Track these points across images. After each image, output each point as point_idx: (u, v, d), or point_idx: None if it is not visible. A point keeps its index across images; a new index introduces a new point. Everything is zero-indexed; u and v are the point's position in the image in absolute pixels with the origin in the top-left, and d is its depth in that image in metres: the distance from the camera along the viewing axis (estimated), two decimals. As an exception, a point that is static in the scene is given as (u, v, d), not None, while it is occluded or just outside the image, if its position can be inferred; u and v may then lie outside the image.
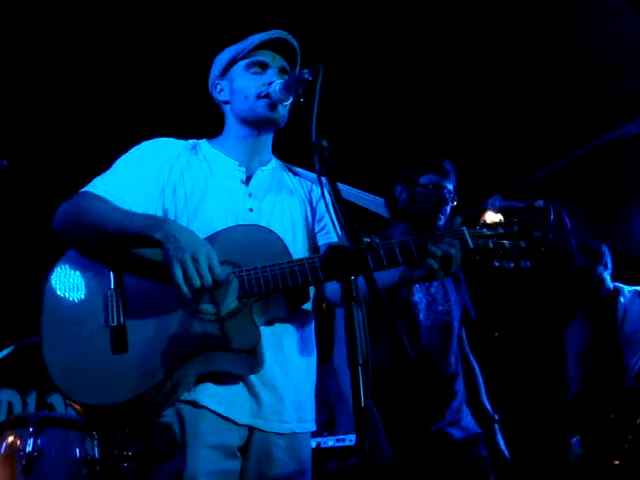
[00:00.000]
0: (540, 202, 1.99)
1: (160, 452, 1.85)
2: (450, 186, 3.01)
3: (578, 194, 4.20)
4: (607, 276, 4.17)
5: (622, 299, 4.11)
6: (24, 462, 3.14)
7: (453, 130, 4.84)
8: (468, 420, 3.02)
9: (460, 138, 4.84)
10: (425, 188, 2.99)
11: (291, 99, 2.09)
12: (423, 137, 4.75)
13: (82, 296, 1.93)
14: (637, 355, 3.91)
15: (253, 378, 1.93)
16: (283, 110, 2.15)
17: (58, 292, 1.94)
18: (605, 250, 4.17)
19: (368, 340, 1.49)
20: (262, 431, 1.95)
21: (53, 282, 1.95)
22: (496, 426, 3.12)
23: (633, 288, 4.17)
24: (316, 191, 2.27)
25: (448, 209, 2.98)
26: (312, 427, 2.09)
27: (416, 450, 2.83)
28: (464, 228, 1.96)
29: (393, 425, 2.83)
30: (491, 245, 1.94)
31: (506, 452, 3.09)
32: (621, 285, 4.19)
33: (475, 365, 3.23)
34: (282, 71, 2.18)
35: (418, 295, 3.03)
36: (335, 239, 2.15)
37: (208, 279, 1.81)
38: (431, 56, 4.42)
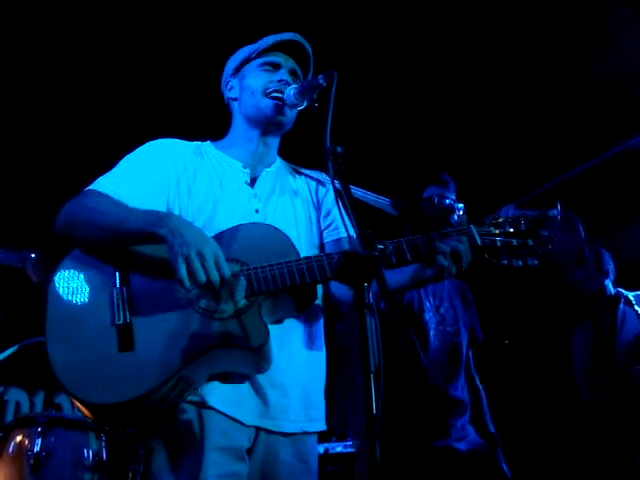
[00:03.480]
0: (554, 211, 1.99)
1: (168, 454, 1.84)
2: (452, 196, 3.05)
3: (591, 203, 4.18)
4: (609, 282, 4.14)
5: (622, 305, 4.08)
6: (32, 462, 3.14)
7: (467, 139, 4.83)
8: (473, 436, 3.04)
9: (474, 147, 4.84)
10: (429, 201, 3.03)
11: (305, 104, 2.09)
12: (437, 145, 4.75)
13: (87, 294, 1.93)
14: None
15: (260, 378, 1.92)
16: (290, 113, 2.16)
17: (63, 291, 1.93)
18: (606, 256, 4.14)
19: (381, 347, 1.48)
20: (269, 432, 1.94)
21: (58, 281, 1.94)
22: (499, 450, 3.13)
23: (635, 293, 4.13)
24: (321, 190, 2.28)
25: (456, 217, 3.01)
26: (322, 427, 2.07)
27: (422, 464, 2.83)
28: (472, 226, 1.98)
29: (398, 438, 2.83)
30: (499, 243, 1.96)
31: (508, 473, 3.09)
32: (623, 291, 4.16)
33: (481, 389, 3.25)
34: (293, 73, 2.19)
35: (429, 314, 3.05)
36: (343, 235, 2.16)
37: (215, 275, 1.79)
38: (446, 65, 4.41)
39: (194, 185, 2.10)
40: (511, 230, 1.96)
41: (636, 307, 4.03)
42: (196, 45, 4.19)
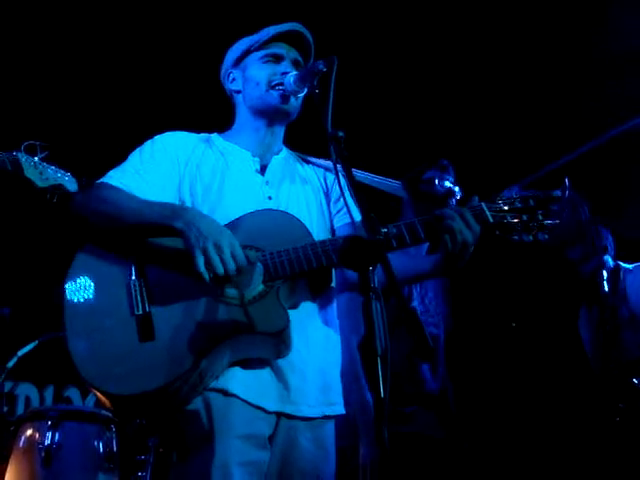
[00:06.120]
0: (557, 192, 2.00)
1: (190, 442, 1.84)
2: (451, 179, 3.08)
3: (596, 184, 4.16)
4: (608, 258, 4.15)
5: (622, 275, 4.10)
6: (43, 455, 3.16)
7: (471, 120, 4.81)
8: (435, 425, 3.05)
9: (478, 128, 4.82)
10: (428, 183, 3.06)
11: (305, 90, 2.09)
12: (441, 127, 4.73)
13: (104, 287, 1.93)
14: None
15: (281, 363, 1.92)
16: (295, 102, 2.16)
17: (79, 285, 1.93)
18: (604, 232, 4.14)
19: (387, 331, 1.47)
20: (289, 417, 1.94)
21: (73, 275, 1.94)
22: (463, 440, 3.13)
23: (635, 265, 4.14)
24: (330, 176, 2.29)
25: (454, 201, 3.04)
26: (341, 410, 2.07)
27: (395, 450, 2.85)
28: (483, 204, 1.98)
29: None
30: (510, 219, 1.96)
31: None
32: (622, 264, 4.16)
33: (448, 379, 3.25)
34: (295, 63, 2.19)
35: (416, 302, 3.07)
36: (354, 219, 2.15)
37: (232, 265, 1.80)
38: (448, 47, 4.38)
39: (203, 164, 2.12)
40: (521, 206, 1.97)
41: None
42: (198, 37, 4.18)
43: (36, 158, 2.76)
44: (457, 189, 3.08)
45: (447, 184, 3.06)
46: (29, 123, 4.23)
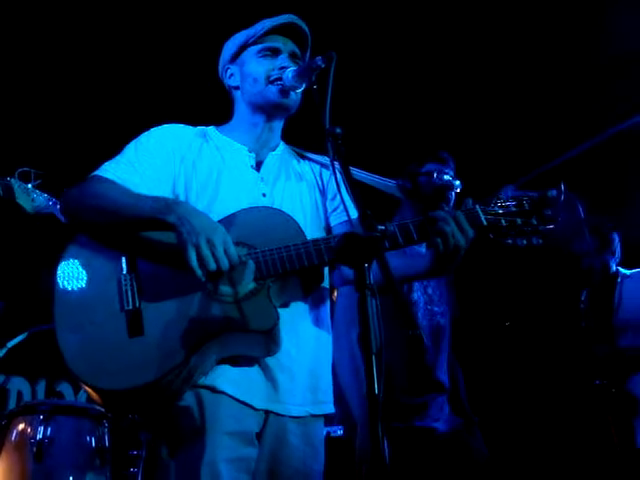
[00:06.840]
0: (553, 192, 2.00)
1: (178, 438, 1.84)
2: (451, 172, 3.08)
3: (592, 183, 4.17)
4: (613, 262, 4.19)
5: (620, 279, 4.13)
6: (35, 449, 3.15)
7: (467, 119, 4.81)
8: (450, 416, 3.05)
9: (474, 127, 4.82)
10: (427, 175, 3.06)
11: (304, 86, 2.08)
12: (438, 125, 4.74)
13: (94, 281, 1.92)
14: None
15: (270, 361, 1.92)
16: (295, 96, 2.15)
17: (69, 278, 1.92)
18: (614, 237, 4.18)
19: (382, 328, 1.47)
20: (277, 415, 1.94)
21: (64, 268, 1.93)
22: (476, 428, 3.11)
23: (633, 271, 4.17)
24: (326, 173, 2.28)
25: (453, 194, 3.04)
26: (330, 409, 2.07)
27: (401, 444, 2.84)
28: (477, 206, 1.97)
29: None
30: (504, 222, 1.96)
31: (485, 451, 3.09)
32: (622, 269, 4.20)
33: (458, 367, 3.24)
34: (293, 56, 2.17)
35: (417, 293, 3.07)
36: (351, 217, 2.15)
37: (224, 262, 1.79)
38: (448, 46, 4.38)
39: (199, 160, 2.11)
40: (515, 210, 1.97)
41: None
42: (196, 30, 4.17)
43: (29, 185, 2.80)
44: (457, 182, 3.08)
45: (446, 177, 3.07)
46: (24, 150, 4.22)
